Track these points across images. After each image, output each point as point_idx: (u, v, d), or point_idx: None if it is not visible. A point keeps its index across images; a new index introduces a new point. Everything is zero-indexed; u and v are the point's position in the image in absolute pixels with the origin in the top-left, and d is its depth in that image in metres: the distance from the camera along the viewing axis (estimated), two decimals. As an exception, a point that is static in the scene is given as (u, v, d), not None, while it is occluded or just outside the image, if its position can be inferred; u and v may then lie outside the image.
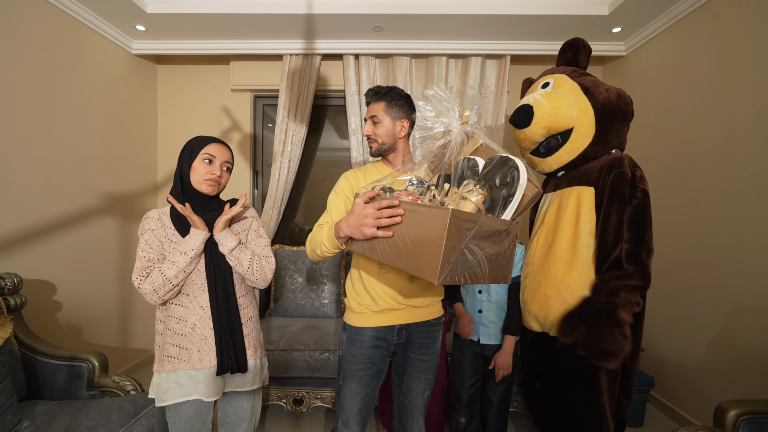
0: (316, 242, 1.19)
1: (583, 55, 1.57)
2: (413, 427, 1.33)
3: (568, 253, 1.37)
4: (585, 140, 1.42)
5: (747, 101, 1.80)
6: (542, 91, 1.48)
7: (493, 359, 1.59)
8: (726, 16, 1.92)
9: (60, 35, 2.17)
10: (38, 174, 2.04)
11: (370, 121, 1.30)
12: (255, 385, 1.28)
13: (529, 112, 1.42)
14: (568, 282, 1.35)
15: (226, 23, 2.43)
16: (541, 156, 1.53)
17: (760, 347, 1.71)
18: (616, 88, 1.47)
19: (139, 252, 1.18)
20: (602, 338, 1.22)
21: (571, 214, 1.39)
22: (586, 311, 1.28)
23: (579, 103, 1.42)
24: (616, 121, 1.43)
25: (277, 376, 2.08)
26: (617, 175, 1.31)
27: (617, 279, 1.26)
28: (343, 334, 1.30)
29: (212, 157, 1.21)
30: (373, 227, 0.97)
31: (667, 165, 2.26)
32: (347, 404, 1.25)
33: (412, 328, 1.27)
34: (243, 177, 3.00)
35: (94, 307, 2.41)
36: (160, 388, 1.19)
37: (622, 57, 2.69)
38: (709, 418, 1.50)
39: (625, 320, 1.23)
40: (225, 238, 1.20)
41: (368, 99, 1.31)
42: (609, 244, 1.29)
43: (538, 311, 1.42)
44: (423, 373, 1.29)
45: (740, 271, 1.81)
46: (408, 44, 2.65)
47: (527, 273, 1.50)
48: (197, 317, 1.19)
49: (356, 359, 1.24)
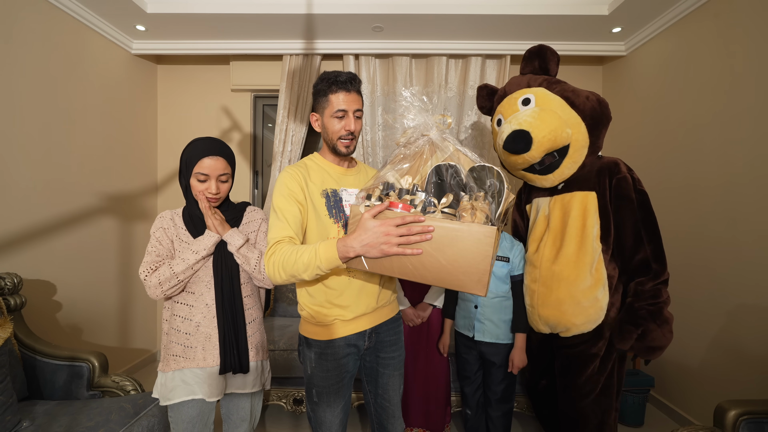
0: (300, 266, 1.01)
1: (553, 63, 1.54)
2: (396, 426, 1.29)
3: (578, 257, 1.40)
4: (583, 152, 1.45)
5: (747, 101, 1.80)
6: (530, 112, 1.42)
7: (510, 360, 1.59)
8: (726, 16, 1.92)
9: (60, 35, 2.17)
10: (38, 174, 2.04)
11: (353, 115, 1.16)
12: (255, 387, 1.28)
13: (527, 139, 1.38)
14: (581, 285, 1.39)
15: (226, 23, 2.43)
16: (537, 173, 1.50)
17: (760, 347, 1.71)
18: (593, 93, 1.47)
19: (149, 248, 1.21)
20: (657, 338, 1.30)
21: (577, 218, 1.42)
22: (639, 316, 1.32)
23: (570, 120, 1.42)
24: (603, 127, 1.47)
25: (277, 376, 2.08)
26: (621, 182, 1.38)
27: (652, 280, 1.33)
28: (308, 350, 1.20)
29: (205, 176, 1.20)
30: (397, 245, 0.93)
31: (667, 165, 2.26)
32: (328, 418, 1.20)
33: (381, 328, 1.25)
34: (243, 177, 3.00)
35: (94, 307, 2.41)
36: (165, 387, 1.19)
37: (622, 57, 2.69)
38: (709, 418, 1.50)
39: (670, 317, 1.33)
40: (232, 236, 1.22)
41: (348, 87, 1.15)
42: (629, 248, 1.37)
43: (550, 314, 1.44)
44: (397, 370, 1.28)
45: (740, 271, 1.82)
46: (408, 44, 2.66)
47: (535, 277, 1.50)
48: (202, 315, 1.20)
49: (330, 373, 1.17)
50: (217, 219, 1.21)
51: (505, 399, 1.65)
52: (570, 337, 1.43)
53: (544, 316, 1.46)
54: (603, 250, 1.39)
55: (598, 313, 1.38)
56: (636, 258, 1.36)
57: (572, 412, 1.45)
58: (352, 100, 1.15)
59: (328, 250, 0.99)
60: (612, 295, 1.39)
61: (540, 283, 1.47)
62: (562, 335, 1.45)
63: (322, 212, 1.16)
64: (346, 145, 1.18)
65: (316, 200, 1.16)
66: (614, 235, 1.39)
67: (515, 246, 1.62)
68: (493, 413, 1.66)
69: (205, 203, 1.21)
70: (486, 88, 1.69)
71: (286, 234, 1.08)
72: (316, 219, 1.15)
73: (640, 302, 1.33)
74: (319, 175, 1.20)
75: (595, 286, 1.38)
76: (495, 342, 1.60)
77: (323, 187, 1.19)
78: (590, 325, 1.39)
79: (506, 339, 1.60)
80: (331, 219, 1.16)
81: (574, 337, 1.42)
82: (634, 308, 1.34)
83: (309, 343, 1.20)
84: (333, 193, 1.19)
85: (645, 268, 1.35)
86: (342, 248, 0.98)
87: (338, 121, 1.16)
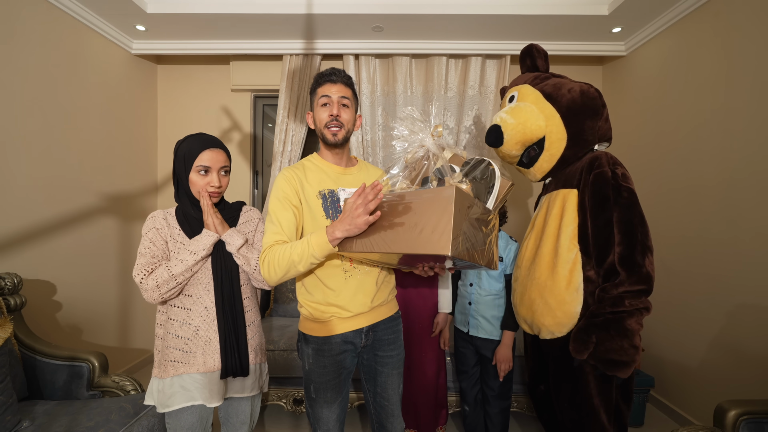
0: (295, 257, 1.05)
1: (540, 60, 1.58)
2: (395, 425, 1.29)
3: (551, 256, 1.36)
4: (560, 146, 1.43)
5: (747, 101, 1.80)
6: (508, 107, 1.50)
7: (494, 355, 1.61)
8: (726, 16, 1.92)
9: (60, 35, 2.17)
10: (38, 174, 2.04)
11: (338, 102, 1.18)
12: (254, 390, 1.26)
13: (498, 132, 1.45)
14: (550, 285, 1.33)
15: (226, 23, 2.43)
16: (525, 167, 1.55)
17: (760, 347, 1.71)
18: (581, 84, 1.44)
19: (141, 249, 1.15)
20: (612, 350, 1.20)
21: (556, 217, 1.39)
22: (593, 324, 1.24)
23: (544, 111, 1.42)
24: (587, 119, 1.41)
25: (277, 376, 2.08)
26: (597, 177, 1.29)
27: (616, 287, 1.22)
28: (306, 346, 1.22)
29: (207, 168, 1.17)
30: (365, 214, 0.98)
31: (667, 164, 2.26)
32: (325, 414, 1.21)
33: (378, 326, 1.25)
34: (243, 177, 3.00)
35: (94, 307, 2.41)
36: (163, 393, 1.16)
37: (622, 57, 2.69)
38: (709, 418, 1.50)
39: (634, 330, 1.20)
40: (232, 237, 1.18)
41: (334, 78, 1.19)
42: (601, 248, 1.27)
43: (526, 314, 1.43)
44: (396, 369, 1.28)
45: (740, 270, 1.81)
46: (408, 44, 2.66)
47: (516, 276, 1.51)
48: (201, 319, 1.17)
49: (327, 369, 1.19)
50: (217, 218, 1.18)
51: (502, 396, 1.66)
52: (549, 340, 1.37)
53: (522, 315, 1.46)
54: (581, 250, 1.31)
55: (568, 316, 1.30)
56: (606, 261, 1.25)
57: (567, 421, 1.40)
58: (337, 89, 1.19)
59: (318, 237, 1.05)
60: (590, 300, 1.29)
61: (519, 282, 1.48)
62: (540, 337, 1.41)
63: (318, 213, 1.17)
64: (333, 132, 1.19)
65: (312, 202, 1.18)
66: (591, 235, 1.30)
67: (509, 245, 1.64)
68: (491, 410, 1.68)
69: (208, 201, 1.17)
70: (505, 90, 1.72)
71: (279, 239, 1.12)
72: (312, 220, 1.17)
73: (600, 309, 1.24)
74: (316, 176, 1.22)
75: (566, 289, 1.30)
76: (489, 338, 1.63)
77: (320, 188, 1.20)
78: (561, 329, 1.32)
79: (499, 336, 1.62)
80: (328, 220, 1.17)
81: (552, 341, 1.36)
82: (592, 315, 1.25)
83: (307, 339, 1.22)
84: (330, 194, 1.20)
85: (614, 274, 1.24)
86: (330, 231, 1.04)
87: (324, 109, 1.19)
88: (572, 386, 1.34)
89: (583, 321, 1.27)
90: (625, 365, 1.20)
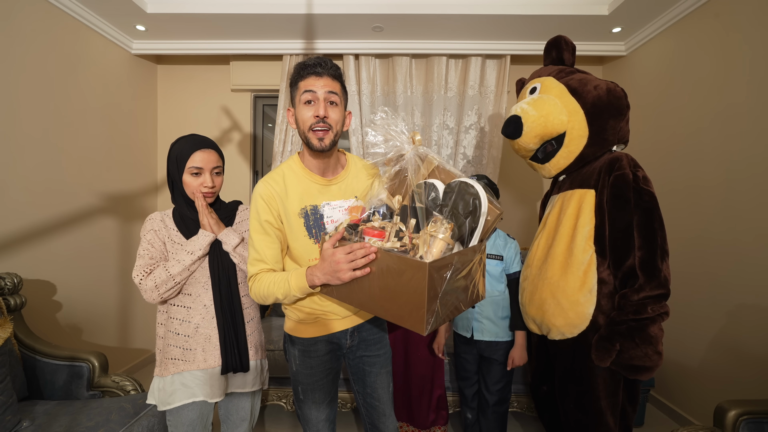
0: (280, 297, 1.04)
1: (567, 53, 1.52)
2: (387, 425, 1.28)
3: (564, 257, 1.34)
4: (580, 143, 1.38)
5: (747, 101, 1.80)
6: (530, 98, 1.44)
7: (510, 358, 1.58)
8: (726, 16, 1.92)
9: (60, 35, 2.17)
10: (38, 174, 2.04)
11: (324, 99, 1.02)
12: (255, 386, 1.29)
13: (518, 123, 1.39)
14: (563, 286, 1.32)
15: (226, 23, 2.43)
16: (539, 162, 1.50)
17: (760, 347, 1.71)
18: (607, 82, 1.41)
19: (140, 251, 1.19)
20: (636, 357, 1.19)
21: (571, 217, 1.36)
22: (617, 332, 1.22)
23: (568, 106, 1.37)
24: (610, 118, 1.37)
25: (277, 376, 2.08)
26: (618, 179, 1.26)
27: (637, 292, 1.20)
28: (292, 348, 1.21)
29: (199, 169, 1.19)
30: (349, 270, 0.92)
31: (667, 165, 2.26)
32: (314, 415, 1.21)
33: (363, 327, 1.24)
34: (243, 177, 3.00)
35: (94, 307, 2.41)
36: (164, 391, 1.18)
37: (622, 57, 2.69)
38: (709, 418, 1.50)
39: (658, 336, 1.19)
40: (228, 235, 1.21)
41: (318, 70, 1.02)
42: (620, 251, 1.25)
43: (535, 314, 1.42)
44: (384, 367, 1.27)
45: (740, 270, 1.81)
46: (408, 44, 2.65)
47: (526, 275, 1.49)
48: (200, 317, 1.19)
49: (314, 370, 1.19)
50: (212, 218, 1.20)
51: (502, 401, 1.65)
52: (558, 341, 1.36)
53: (531, 315, 1.44)
54: (597, 252, 1.29)
55: (580, 317, 1.29)
56: (625, 264, 1.24)
57: (572, 422, 1.39)
58: (323, 84, 1.02)
59: (298, 280, 1.02)
60: (603, 302, 1.28)
61: (529, 281, 1.46)
62: (549, 337, 1.40)
63: (300, 234, 1.11)
64: (319, 136, 1.02)
65: (293, 222, 1.10)
66: (609, 237, 1.28)
67: (509, 243, 1.62)
68: (490, 415, 1.66)
69: (202, 201, 1.19)
70: (521, 82, 1.68)
71: (261, 268, 1.09)
72: (295, 241, 1.12)
73: (622, 316, 1.22)
74: (297, 191, 1.10)
75: (579, 289, 1.29)
76: (495, 340, 1.61)
77: (302, 205, 1.10)
78: (572, 330, 1.30)
79: (506, 336, 1.60)
80: (311, 239, 1.11)
81: (560, 342, 1.36)
82: (614, 322, 1.24)
83: (293, 341, 1.21)
84: (313, 211, 1.11)
85: (632, 278, 1.23)
86: (309, 277, 1.00)
87: (307, 108, 1.02)
88: (580, 388, 1.33)
89: (605, 328, 1.25)
90: (648, 370, 1.20)
